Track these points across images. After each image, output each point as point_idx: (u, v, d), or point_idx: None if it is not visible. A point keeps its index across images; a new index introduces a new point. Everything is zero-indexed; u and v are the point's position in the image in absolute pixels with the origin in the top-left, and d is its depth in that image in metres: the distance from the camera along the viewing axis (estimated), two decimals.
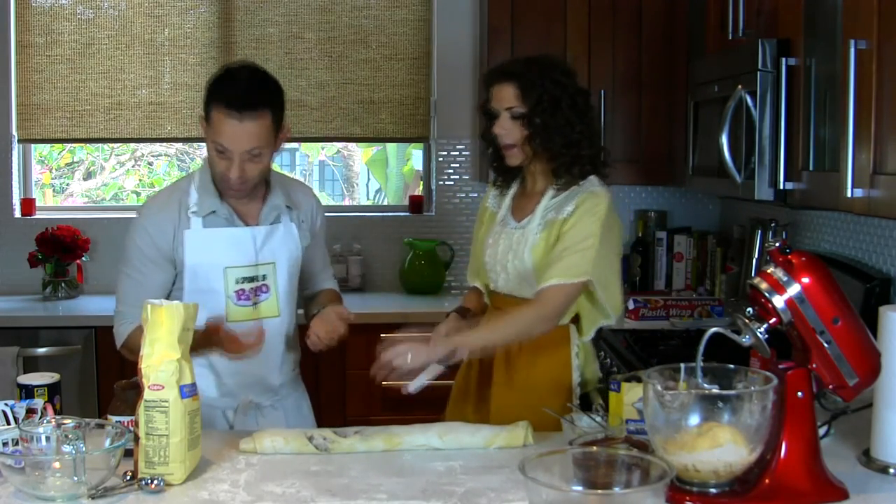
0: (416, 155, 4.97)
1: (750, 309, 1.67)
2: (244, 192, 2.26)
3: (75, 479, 1.60)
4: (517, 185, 2.42)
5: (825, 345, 1.63)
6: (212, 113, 2.17)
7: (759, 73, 2.55)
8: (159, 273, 2.27)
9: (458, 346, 2.14)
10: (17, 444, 1.71)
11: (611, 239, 2.26)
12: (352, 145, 5.06)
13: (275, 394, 2.39)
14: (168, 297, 2.26)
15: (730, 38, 2.90)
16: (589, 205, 2.24)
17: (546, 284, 2.18)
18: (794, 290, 1.63)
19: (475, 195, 4.29)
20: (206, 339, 2.18)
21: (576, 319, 2.33)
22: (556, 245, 2.22)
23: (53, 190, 4.75)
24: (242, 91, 2.15)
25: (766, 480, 1.60)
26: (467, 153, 4.28)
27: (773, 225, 3.44)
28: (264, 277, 2.30)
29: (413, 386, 2.12)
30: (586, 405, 2.28)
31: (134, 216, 2.32)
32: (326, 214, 2.57)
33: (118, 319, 2.30)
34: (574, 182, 2.28)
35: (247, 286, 2.29)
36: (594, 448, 1.58)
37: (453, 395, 2.50)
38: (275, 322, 2.33)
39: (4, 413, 1.83)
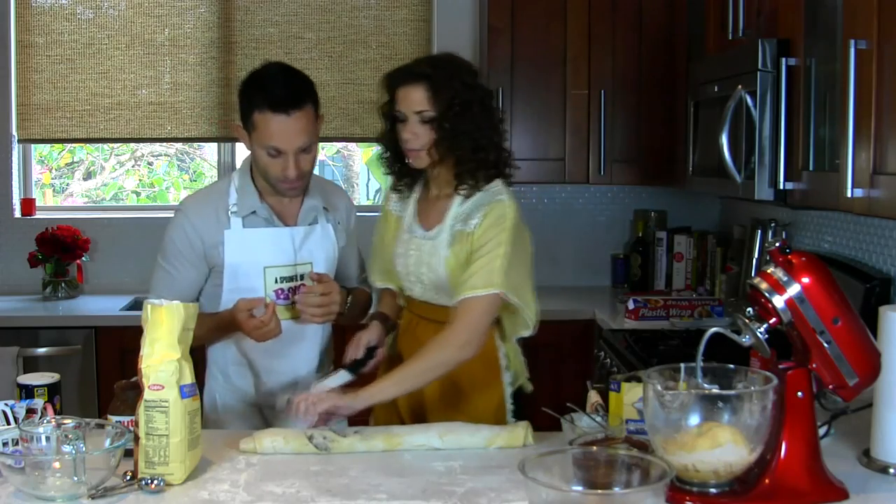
0: None
1: (750, 309, 1.67)
2: (303, 186, 2.30)
3: (75, 479, 1.60)
4: (419, 189, 2.35)
5: (825, 345, 1.63)
6: (256, 118, 2.18)
7: (759, 73, 2.55)
8: (192, 271, 2.30)
9: (374, 401, 2.09)
10: (17, 444, 1.71)
11: (520, 248, 2.18)
12: (352, 145, 5.05)
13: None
14: (200, 295, 2.32)
15: (730, 38, 2.90)
16: (495, 215, 2.16)
17: (459, 298, 2.12)
18: (794, 290, 1.63)
19: None
20: (230, 322, 2.22)
21: (497, 321, 2.28)
22: (468, 258, 2.16)
23: (53, 190, 4.74)
24: (285, 89, 2.17)
25: (766, 480, 1.60)
26: None
27: (773, 225, 3.44)
28: (302, 277, 2.32)
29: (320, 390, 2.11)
30: (519, 400, 2.35)
31: (173, 213, 2.35)
32: None
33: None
34: (479, 187, 2.21)
35: (286, 285, 2.31)
36: (594, 448, 1.59)
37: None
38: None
39: (4, 413, 1.83)
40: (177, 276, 2.30)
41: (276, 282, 2.30)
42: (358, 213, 2.62)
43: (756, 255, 3.53)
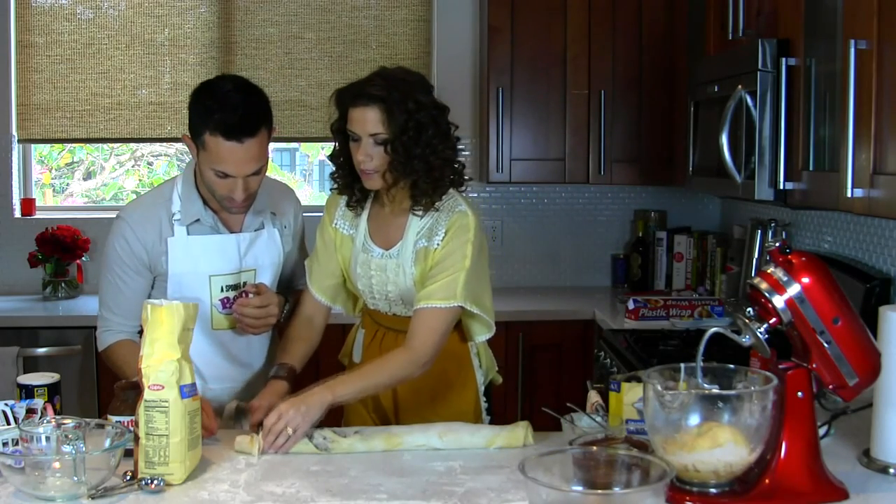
0: None
1: (750, 309, 1.67)
2: (249, 205, 2.23)
3: (75, 479, 1.60)
4: (368, 206, 2.27)
5: (825, 345, 1.63)
6: (207, 139, 2.08)
7: (759, 73, 2.55)
8: (139, 280, 2.25)
9: (333, 400, 2.00)
10: (17, 444, 1.71)
11: (481, 258, 2.19)
12: None
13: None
14: None
15: (730, 38, 2.90)
16: (458, 228, 2.15)
17: (419, 307, 2.12)
18: (794, 290, 1.63)
19: (474, 195, 4.28)
20: None
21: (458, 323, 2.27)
22: (431, 270, 2.16)
23: (53, 190, 4.74)
24: (240, 117, 2.07)
25: (766, 480, 1.60)
26: (467, 153, 4.28)
27: (773, 225, 3.44)
28: (246, 284, 2.28)
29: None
30: (490, 395, 2.37)
31: (115, 219, 2.28)
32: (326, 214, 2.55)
33: (100, 323, 2.29)
34: (435, 205, 2.18)
35: (231, 294, 2.26)
36: (594, 448, 1.59)
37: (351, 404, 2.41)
38: None
39: (4, 413, 1.83)
40: (123, 286, 2.24)
41: (221, 290, 2.26)
42: None
43: (756, 255, 3.53)
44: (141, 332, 2.23)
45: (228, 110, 2.07)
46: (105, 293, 2.28)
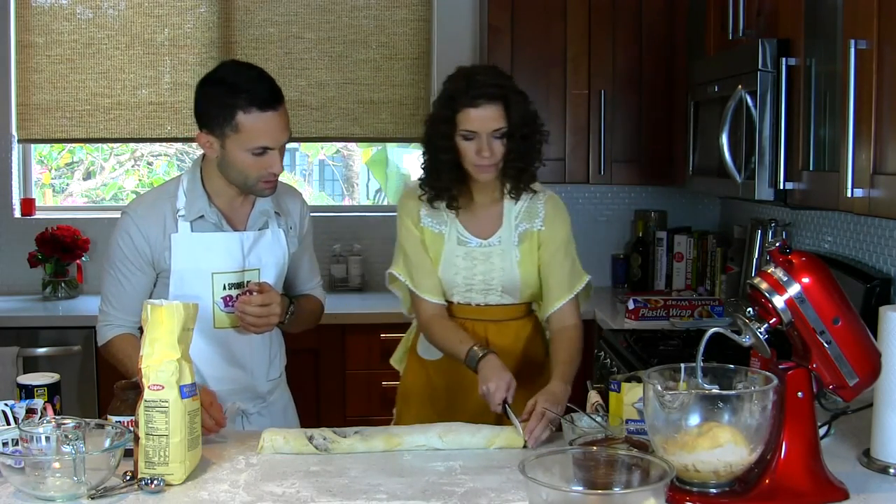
0: (402, 154, 4.99)
1: (750, 309, 1.67)
2: (275, 186, 2.25)
3: (75, 479, 1.60)
4: (455, 202, 2.34)
5: (825, 345, 1.63)
6: (238, 121, 2.10)
7: (759, 73, 2.55)
8: (141, 276, 2.24)
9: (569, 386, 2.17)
10: (17, 444, 1.71)
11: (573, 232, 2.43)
12: (352, 145, 5.05)
13: (262, 400, 2.37)
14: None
15: (730, 38, 2.90)
16: (554, 208, 2.38)
17: (568, 299, 2.33)
18: (794, 290, 1.63)
19: None
20: None
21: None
22: (547, 258, 2.35)
23: (53, 190, 4.74)
24: (268, 86, 2.14)
25: (766, 480, 1.60)
26: None
27: (773, 225, 3.44)
28: (249, 283, 2.26)
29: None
30: None
31: (119, 216, 2.27)
32: (326, 215, 2.56)
33: (101, 318, 2.29)
34: (525, 189, 2.33)
35: (234, 292, 2.25)
36: (594, 448, 1.59)
37: (410, 397, 2.48)
38: None
39: (4, 413, 1.83)
40: (126, 283, 2.23)
41: (223, 288, 2.25)
42: (358, 213, 2.59)
43: (756, 255, 3.53)
44: (141, 331, 2.25)
45: (255, 84, 2.13)
46: (107, 288, 2.28)
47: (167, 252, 2.21)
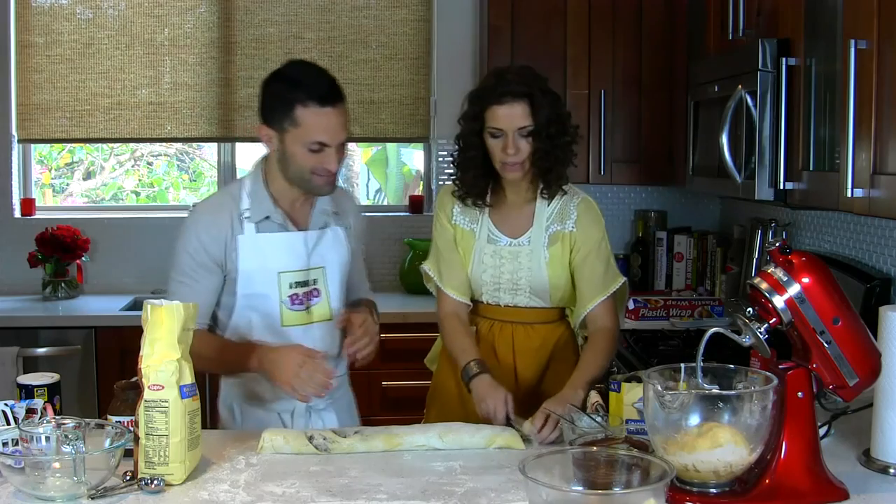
0: (405, 153, 4.99)
1: (750, 309, 1.67)
2: (335, 184, 2.27)
3: (75, 479, 1.60)
4: (482, 199, 2.37)
5: (825, 345, 1.63)
6: (297, 115, 2.14)
7: (759, 73, 2.55)
8: (211, 278, 2.25)
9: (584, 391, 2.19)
10: (17, 444, 1.71)
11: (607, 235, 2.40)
12: (352, 145, 5.04)
13: (329, 396, 2.37)
14: (219, 303, 2.27)
15: (730, 38, 2.90)
16: (587, 210, 2.35)
17: (602, 298, 2.32)
18: (794, 290, 1.63)
19: None
20: (244, 356, 2.16)
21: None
22: (579, 260, 2.33)
23: (53, 190, 4.74)
24: (329, 84, 2.18)
25: (766, 480, 1.60)
26: None
27: (773, 225, 3.44)
28: (315, 282, 2.30)
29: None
30: None
31: (184, 220, 2.28)
32: None
33: None
34: (557, 189, 2.32)
35: (300, 290, 2.28)
36: (594, 448, 1.59)
37: (441, 397, 2.49)
38: (327, 325, 2.33)
39: (4, 413, 1.83)
40: (196, 286, 2.23)
41: (290, 287, 2.27)
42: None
43: (756, 255, 3.53)
44: (210, 329, 2.27)
45: (316, 80, 2.18)
46: (175, 295, 2.22)
47: (234, 253, 2.23)
